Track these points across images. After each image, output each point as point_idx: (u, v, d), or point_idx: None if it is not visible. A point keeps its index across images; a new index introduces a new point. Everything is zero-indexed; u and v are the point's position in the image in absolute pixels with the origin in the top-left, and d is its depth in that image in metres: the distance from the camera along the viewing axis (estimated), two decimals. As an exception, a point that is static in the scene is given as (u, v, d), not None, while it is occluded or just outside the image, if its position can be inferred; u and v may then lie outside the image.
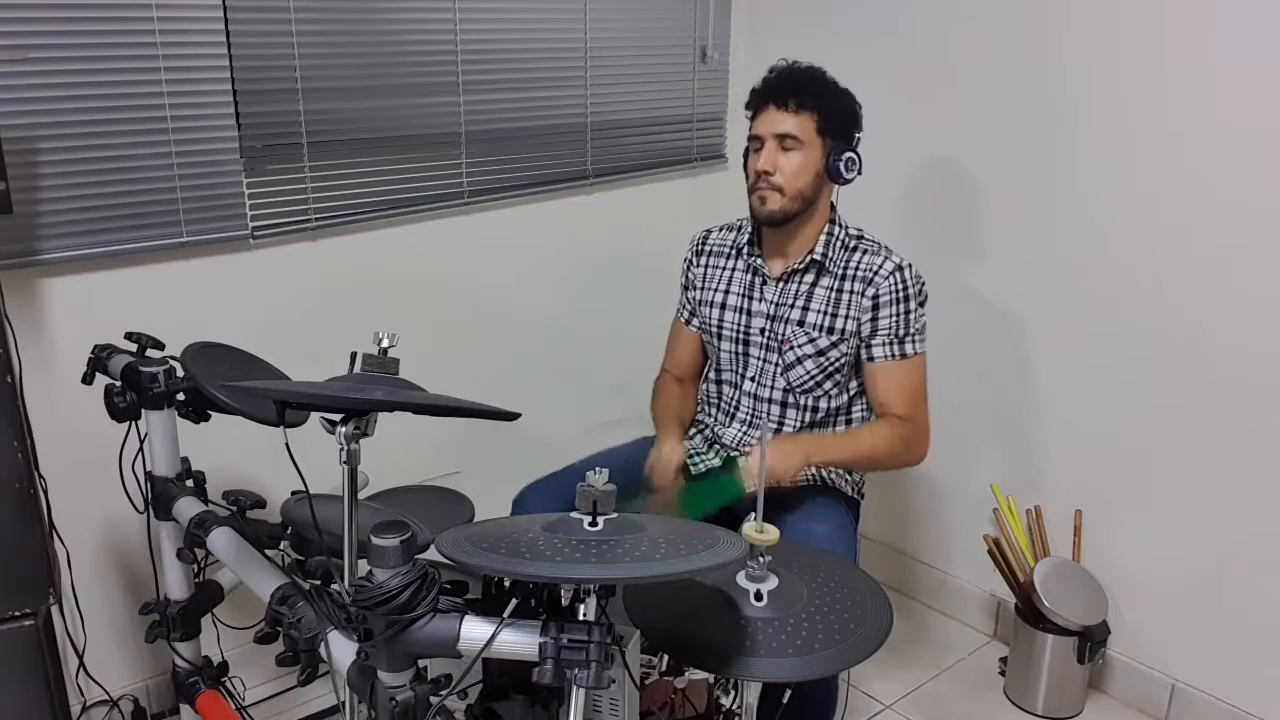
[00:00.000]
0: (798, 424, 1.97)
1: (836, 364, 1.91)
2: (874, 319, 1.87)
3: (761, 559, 1.35)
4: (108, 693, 2.10)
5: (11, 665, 1.54)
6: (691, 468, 2.04)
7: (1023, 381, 2.40)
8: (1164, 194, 2.09)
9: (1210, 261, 2.05)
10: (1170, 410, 2.16)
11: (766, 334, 1.95)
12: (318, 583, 1.43)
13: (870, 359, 1.90)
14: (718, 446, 2.04)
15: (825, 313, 1.90)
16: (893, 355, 1.89)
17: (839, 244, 1.92)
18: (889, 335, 1.88)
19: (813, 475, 1.97)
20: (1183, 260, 2.09)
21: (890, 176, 2.56)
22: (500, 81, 2.38)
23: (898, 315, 1.87)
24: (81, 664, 2.02)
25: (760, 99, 1.89)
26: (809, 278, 1.92)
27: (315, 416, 1.44)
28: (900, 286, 1.86)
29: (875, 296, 1.86)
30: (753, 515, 1.37)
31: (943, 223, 2.50)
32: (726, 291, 2.01)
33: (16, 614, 1.53)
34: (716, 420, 2.06)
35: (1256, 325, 2.00)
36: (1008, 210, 2.36)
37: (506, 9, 2.35)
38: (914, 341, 1.89)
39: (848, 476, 2.02)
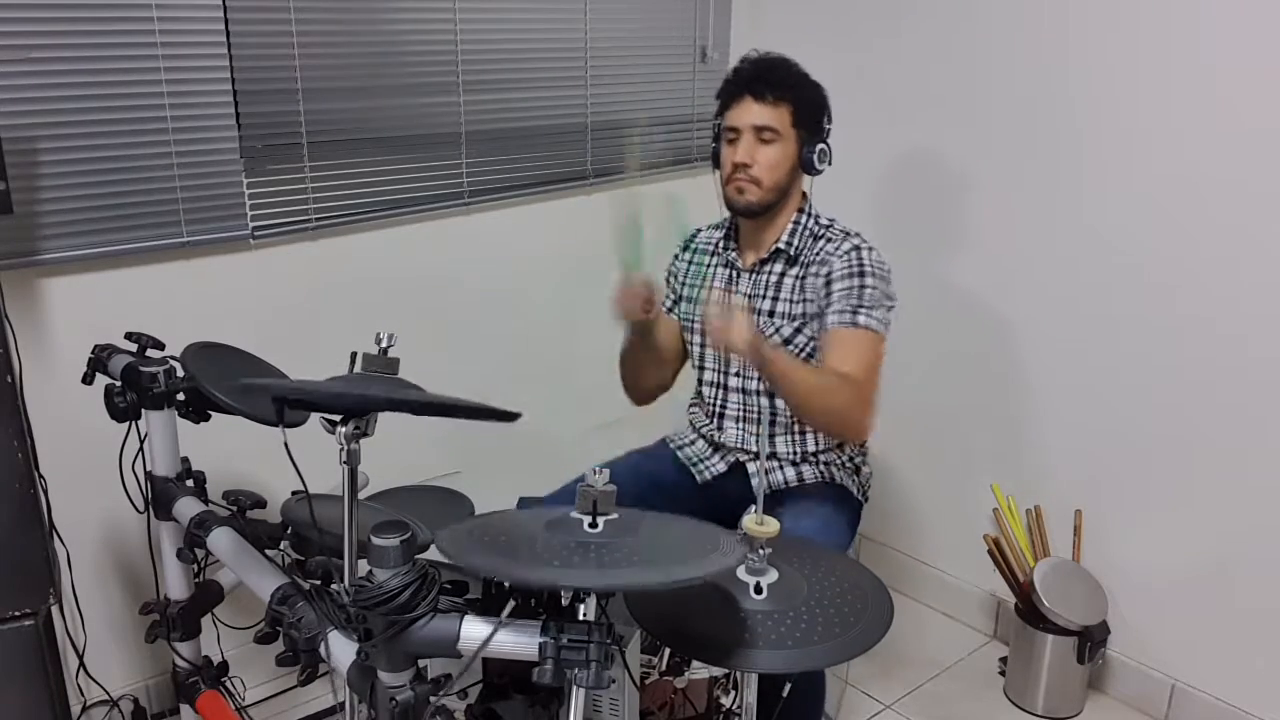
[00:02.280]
0: (790, 411, 1.95)
1: (805, 349, 1.90)
2: (829, 294, 1.84)
3: (762, 551, 1.36)
4: (108, 693, 2.10)
5: (11, 665, 1.54)
6: (697, 475, 2.04)
7: (1022, 381, 2.41)
8: (1163, 192, 2.09)
9: (1209, 259, 2.05)
10: (1170, 409, 2.16)
11: None
12: (318, 583, 1.43)
13: (824, 328, 1.85)
14: (722, 450, 2.04)
15: (791, 300, 1.90)
16: (843, 323, 1.82)
17: (806, 233, 1.91)
18: (842, 305, 1.82)
19: (819, 474, 1.97)
20: (1182, 258, 2.08)
21: (890, 175, 2.57)
22: (500, 81, 2.38)
23: (851, 287, 1.82)
24: (81, 664, 2.02)
25: (736, 90, 1.86)
26: (777, 267, 1.92)
27: (315, 416, 1.44)
28: (855, 262, 1.83)
29: (829, 273, 1.85)
30: (753, 508, 1.38)
31: (941, 221, 2.50)
32: (710, 289, 2.00)
33: (16, 614, 1.53)
34: (711, 423, 2.06)
35: (1256, 324, 2.00)
36: (1007, 208, 2.36)
37: (506, 9, 2.35)
38: (868, 314, 1.81)
39: (854, 477, 2.01)
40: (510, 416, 1.31)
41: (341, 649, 1.32)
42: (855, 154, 2.58)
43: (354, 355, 1.41)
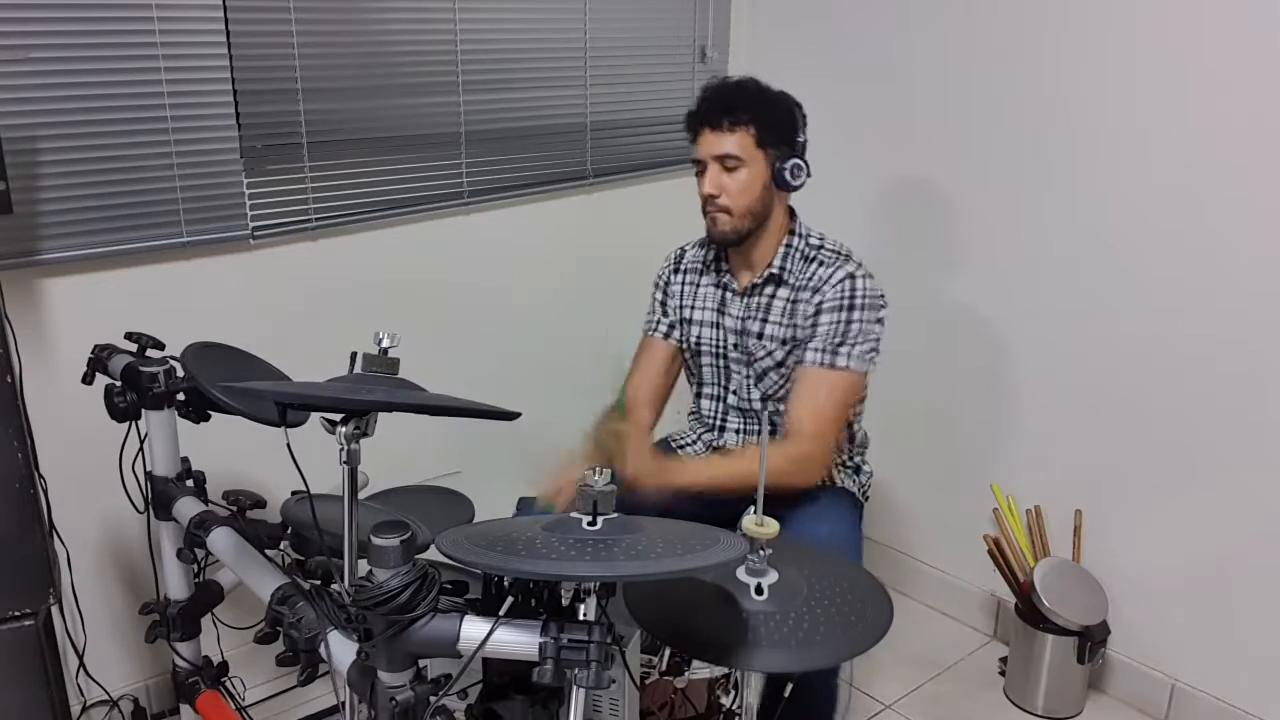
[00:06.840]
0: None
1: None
2: (815, 324, 1.84)
3: (762, 553, 1.36)
4: (108, 693, 2.10)
5: (11, 665, 1.54)
6: None
7: (1022, 381, 2.40)
8: (1162, 194, 2.09)
9: (1208, 261, 2.05)
10: (1169, 410, 2.16)
11: (739, 348, 1.95)
12: (318, 583, 1.43)
13: (800, 361, 1.85)
14: (720, 452, 2.04)
15: (782, 324, 1.89)
16: (821, 362, 1.81)
17: (798, 255, 1.89)
18: (824, 340, 1.82)
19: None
20: (1181, 260, 2.08)
21: (890, 178, 2.57)
22: (500, 81, 2.38)
23: (838, 322, 1.82)
24: (81, 664, 2.02)
25: (695, 123, 1.84)
26: (770, 290, 1.91)
27: (315, 416, 1.44)
28: (847, 293, 1.82)
29: (819, 302, 1.83)
30: (752, 509, 1.38)
31: (941, 224, 2.50)
32: (702, 308, 2.00)
33: (16, 614, 1.52)
34: (711, 433, 2.06)
35: (1254, 324, 2.00)
36: (1006, 211, 2.36)
37: (506, 9, 2.35)
38: (849, 353, 1.81)
39: (855, 477, 2.02)
40: (510, 415, 1.31)
41: (341, 649, 1.32)
42: (855, 155, 2.59)
43: (354, 355, 1.41)
